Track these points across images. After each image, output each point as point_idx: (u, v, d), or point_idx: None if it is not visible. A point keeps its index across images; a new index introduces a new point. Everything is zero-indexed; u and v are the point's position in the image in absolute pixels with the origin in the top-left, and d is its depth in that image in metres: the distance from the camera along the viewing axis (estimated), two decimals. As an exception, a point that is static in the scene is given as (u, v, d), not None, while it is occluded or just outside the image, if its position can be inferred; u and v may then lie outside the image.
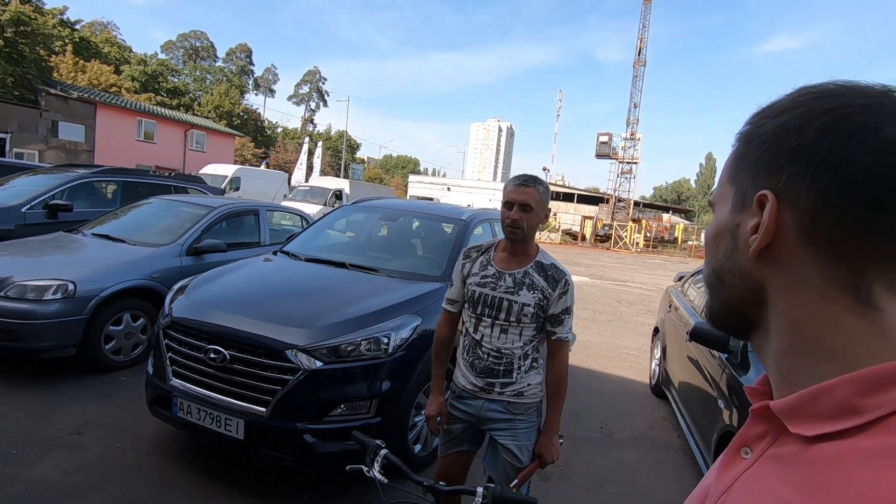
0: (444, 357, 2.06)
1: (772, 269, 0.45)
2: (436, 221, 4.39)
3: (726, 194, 0.50)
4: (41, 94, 22.52)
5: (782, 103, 0.46)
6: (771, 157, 0.44)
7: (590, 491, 3.10)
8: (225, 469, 2.90)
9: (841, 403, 0.39)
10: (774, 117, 0.45)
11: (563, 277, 1.87)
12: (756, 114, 0.49)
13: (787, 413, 0.43)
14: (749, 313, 0.48)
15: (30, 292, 3.77)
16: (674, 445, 3.88)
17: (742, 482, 0.45)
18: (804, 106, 0.43)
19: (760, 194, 0.44)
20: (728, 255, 0.48)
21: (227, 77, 58.36)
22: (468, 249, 2.04)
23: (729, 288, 0.49)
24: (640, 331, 7.62)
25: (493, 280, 1.89)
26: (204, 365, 2.70)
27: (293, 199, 16.94)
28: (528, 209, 1.83)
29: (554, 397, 1.89)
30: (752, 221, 0.45)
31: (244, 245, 5.36)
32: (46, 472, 2.71)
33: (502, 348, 1.86)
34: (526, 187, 1.84)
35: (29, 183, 6.20)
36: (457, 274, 2.01)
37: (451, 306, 2.03)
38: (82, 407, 3.47)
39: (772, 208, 0.43)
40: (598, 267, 18.29)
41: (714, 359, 3.14)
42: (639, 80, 32.08)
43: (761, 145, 0.46)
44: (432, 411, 1.94)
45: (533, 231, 1.87)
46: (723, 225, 0.49)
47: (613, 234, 31.37)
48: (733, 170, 0.49)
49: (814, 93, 0.44)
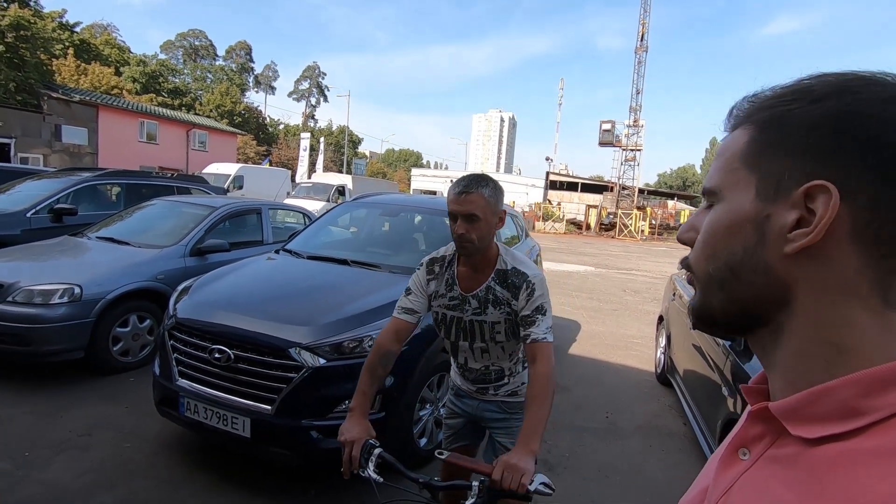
0: (379, 375, 1.64)
1: (805, 267, 0.41)
2: (437, 216, 4.39)
3: (744, 181, 0.45)
4: (43, 99, 22.61)
5: (819, 88, 0.42)
6: (826, 145, 0.40)
7: (595, 481, 3.11)
8: (232, 467, 2.94)
9: (842, 405, 0.38)
10: (817, 101, 0.41)
11: (524, 280, 1.65)
12: (773, 97, 0.45)
13: (788, 415, 0.42)
14: (762, 312, 0.44)
15: (37, 297, 3.81)
16: (679, 433, 3.88)
17: (741, 484, 0.45)
18: (860, 91, 0.40)
19: (815, 184, 0.40)
20: (749, 250, 0.44)
21: (227, 75, 58.33)
22: (430, 262, 1.80)
23: (745, 286, 0.45)
24: (646, 319, 7.61)
25: (459, 303, 1.73)
26: (209, 365, 2.73)
27: (296, 196, 16.96)
28: (474, 219, 1.58)
29: (530, 409, 1.48)
30: (793, 214, 0.41)
31: (247, 244, 5.39)
32: (58, 474, 2.76)
33: (489, 365, 1.83)
34: (467, 195, 1.58)
35: (33, 188, 6.25)
36: (418, 286, 1.77)
37: (408, 316, 1.72)
38: (91, 408, 3.52)
39: (834, 202, 0.39)
40: (603, 256, 18.24)
41: (718, 346, 3.14)
42: (641, 66, 31.74)
43: (810, 131, 0.41)
44: (349, 436, 1.41)
45: (487, 240, 1.64)
46: (743, 216, 0.44)
47: (618, 223, 31.23)
48: (754, 155, 0.45)
49: (856, 80, 0.41)
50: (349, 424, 1.46)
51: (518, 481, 1.21)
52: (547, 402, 1.48)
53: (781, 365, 0.45)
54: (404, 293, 1.78)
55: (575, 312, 7.83)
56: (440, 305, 1.78)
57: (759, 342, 0.47)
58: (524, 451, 1.32)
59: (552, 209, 34.96)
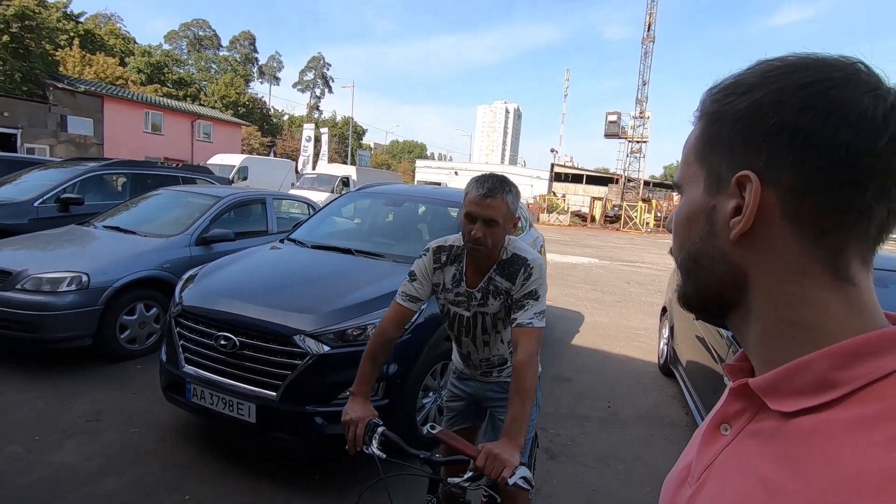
0: (380, 362, 1.68)
1: (753, 252, 0.44)
2: (441, 206, 4.39)
3: (695, 175, 0.48)
4: (49, 89, 22.65)
5: (748, 79, 0.44)
6: (748, 136, 0.43)
7: (595, 469, 3.14)
8: (238, 452, 2.98)
9: (818, 378, 0.40)
10: (744, 94, 0.43)
11: (523, 264, 1.64)
12: (719, 90, 0.46)
13: (767, 390, 0.43)
14: (727, 296, 0.47)
15: (45, 284, 3.86)
16: (681, 423, 3.90)
17: (723, 459, 0.46)
18: (777, 81, 0.42)
19: (741, 175, 0.42)
20: (705, 239, 0.47)
21: (231, 66, 58.22)
22: (437, 249, 1.77)
23: (707, 272, 0.47)
24: (649, 311, 7.61)
25: (465, 299, 1.74)
26: (215, 351, 2.76)
27: (300, 186, 17.00)
28: (493, 224, 1.57)
29: (513, 402, 1.45)
30: (731, 204, 0.44)
31: (252, 234, 5.41)
32: (67, 457, 2.81)
33: (490, 357, 1.86)
34: (492, 199, 1.56)
35: (40, 177, 6.29)
36: (423, 273, 1.75)
37: (410, 303, 1.71)
38: (99, 395, 3.57)
39: (755, 190, 0.41)
40: (608, 248, 18.19)
41: (722, 338, 3.15)
42: (648, 56, 31.46)
43: (734, 123, 0.44)
44: (353, 415, 1.44)
45: (499, 244, 1.64)
46: (696, 208, 0.47)
47: (623, 215, 31.11)
48: (702, 149, 0.47)
49: (783, 67, 0.43)
50: (353, 405, 1.49)
51: (499, 473, 1.23)
52: (529, 393, 1.46)
53: (753, 344, 0.46)
54: (408, 278, 1.76)
55: (578, 304, 7.83)
56: (445, 300, 1.79)
57: (734, 324, 0.49)
58: (509, 444, 1.31)
59: (557, 201, 34.84)
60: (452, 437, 1.32)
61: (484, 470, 1.24)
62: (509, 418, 1.42)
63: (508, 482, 1.22)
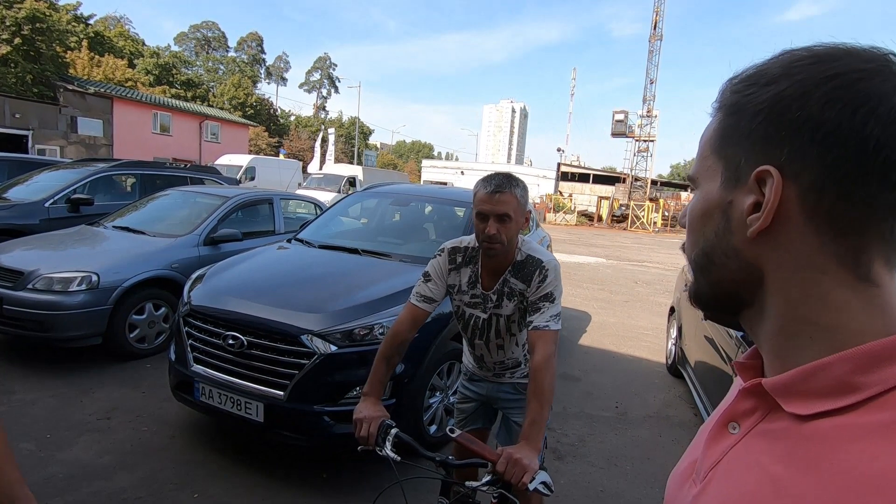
0: (394, 363, 1.66)
1: (769, 249, 0.42)
2: (448, 205, 4.39)
3: (712, 169, 0.46)
4: (59, 91, 22.89)
5: (771, 70, 0.42)
6: (769, 130, 0.41)
7: (604, 469, 3.13)
8: (247, 451, 3.00)
9: (837, 381, 0.38)
10: (767, 85, 0.42)
11: (538, 265, 1.64)
12: (740, 81, 0.45)
13: (781, 391, 0.42)
14: (742, 294, 0.46)
15: (56, 284, 3.90)
16: (689, 423, 3.87)
17: (730, 457, 0.45)
18: (802, 72, 0.40)
19: (761, 170, 0.41)
20: (720, 235, 0.45)
21: (239, 67, 58.58)
22: (453, 250, 1.77)
23: (721, 269, 0.46)
24: (657, 311, 7.56)
25: (480, 301, 1.74)
26: (223, 351, 2.78)
27: (307, 186, 17.06)
28: (506, 220, 1.58)
29: (531, 406, 1.45)
30: (749, 199, 0.42)
31: (259, 233, 5.45)
32: (79, 455, 2.84)
33: (505, 359, 1.86)
34: (501, 194, 1.57)
35: (51, 178, 6.36)
36: (438, 273, 1.75)
37: (425, 304, 1.71)
38: (110, 393, 3.61)
39: (776, 186, 0.40)
40: (615, 248, 18.11)
41: (731, 339, 3.13)
42: (655, 54, 31.24)
43: (755, 116, 0.42)
44: (366, 414, 1.43)
45: (514, 241, 1.65)
46: (712, 203, 0.46)
47: (630, 214, 30.94)
48: (720, 142, 0.46)
49: (808, 57, 0.41)
50: (364, 406, 1.47)
51: (520, 478, 1.21)
52: (547, 396, 1.46)
53: (768, 343, 0.45)
54: (422, 279, 1.76)
55: (586, 303, 7.81)
56: (461, 301, 1.78)
57: (748, 322, 0.48)
58: (529, 449, 1.30)
59: (563, 200, 34.72)
60: (472, 441, 1.31)
61: (504, 475, 1.23)
62: (528, 422, 1.41)
63: (529, 487, 1.20)
